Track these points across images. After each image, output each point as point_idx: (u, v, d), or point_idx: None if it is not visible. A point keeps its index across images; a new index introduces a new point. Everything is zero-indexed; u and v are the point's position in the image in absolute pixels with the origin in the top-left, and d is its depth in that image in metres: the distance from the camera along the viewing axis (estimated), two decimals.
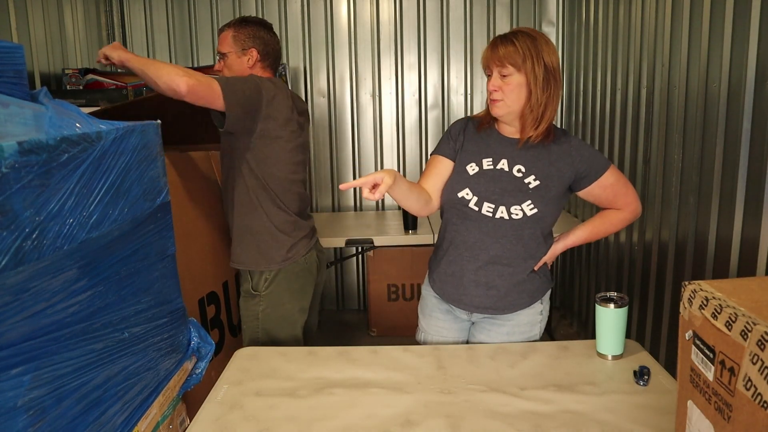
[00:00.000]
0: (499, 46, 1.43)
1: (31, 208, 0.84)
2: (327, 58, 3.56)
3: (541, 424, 1.14)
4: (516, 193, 1.47)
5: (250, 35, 1.88)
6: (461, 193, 1.50)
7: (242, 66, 1.88)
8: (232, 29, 1.88)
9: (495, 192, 1.48)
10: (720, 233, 1.90)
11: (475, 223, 1.50)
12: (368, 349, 1.50)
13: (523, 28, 1.46)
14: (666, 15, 2.23)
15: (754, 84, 1.72)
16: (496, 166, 1.50)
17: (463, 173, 1.52)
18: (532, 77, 1.41)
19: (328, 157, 3.65)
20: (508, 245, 1.49)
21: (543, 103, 1.43)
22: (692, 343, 0.82)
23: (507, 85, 1.43)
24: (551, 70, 1.43)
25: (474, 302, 1.54)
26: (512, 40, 1.42)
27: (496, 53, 1.43)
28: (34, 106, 0.97)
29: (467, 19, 3.50)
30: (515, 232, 1.48)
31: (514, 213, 1.46)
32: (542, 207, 1.46)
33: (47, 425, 0.89)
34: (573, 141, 1.51)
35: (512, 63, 1.41)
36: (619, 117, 2.69)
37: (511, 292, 1.52)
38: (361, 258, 3.75)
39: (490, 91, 1.45)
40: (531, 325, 1.56)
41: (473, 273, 1.52)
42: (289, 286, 1.91)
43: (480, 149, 1.53)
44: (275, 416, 1.20)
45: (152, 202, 1.21)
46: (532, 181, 1.47)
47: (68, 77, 2.89)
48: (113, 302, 1.07)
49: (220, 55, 1.90)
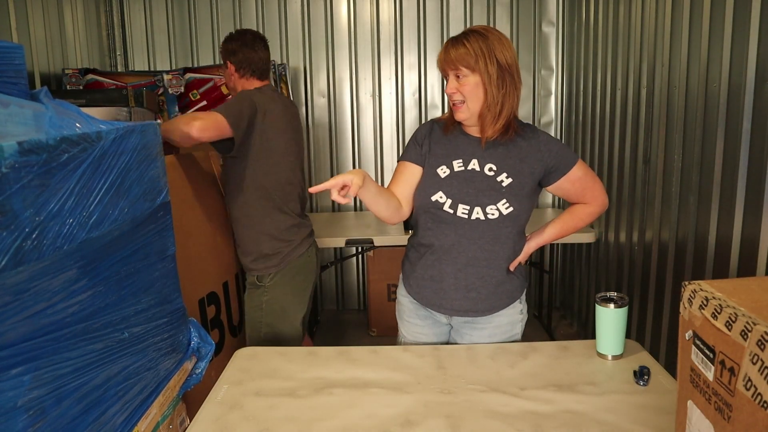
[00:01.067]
0: (451, 49, 1.43)
1: (31, 208, 0.84)
2: (327, 58, 3.55)
3: (541, 424, 1.14)
4: (490, 193, 1.46)
5: (227, 50, 2.05)
6: (434, 196, 1.47)
7: (227, 78, 2.10)
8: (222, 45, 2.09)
9: (469, 193, 1.46)
10: (720, 233, 1.90)
11: (451, 226, 1.48)
12: (368, 349, 1.50)
13: (476, 27, 1.45)
14: (666, 15, 2.23)
15: (754, 84, 1.72)
16: (467, 167, 1.49)
17: (434, 176, 1.50)
18: (486, 76, 1.41)
19: (328, 157, 3.65)
20: (486, 246, 1.48)
21: (500, 101, 1.43)
22: (692, 343, 0.82)
23: (464, 87, 1.43)
24: (505, 67, 1.42)
25: (454, 306, 1.52)
26: (463, 41, 1.42)
27: (448, 56, 1.43)
28: (34, 106, 0.97)
29: (467, 19, 3.50)
30: (492, 233, 1.47)
31: (490, 213, 1.45)
32: (517, 205, 1.46)
33: (47, 425, 0.89)
34: (541, 136, 1.51)
35: (465, 65, 1.41)
36: (619, 117, 2.69)
37: (491, 294, 1.51)
38: (361, 258, 3.75)
39: (449, 94, 1.46)
40: (512, 325, 1.56)
41: (452, 276, 1.50)
42: (291, 280, 2.04)
43: (449, 151, 1.52)
44: (275, 416, 1.20)
45: (152, 202, 1.21)
46: (505, 179, 1.46)
47: (68, 77, 2.89)
48: (113, 302, 1.07)
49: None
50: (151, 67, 3.61)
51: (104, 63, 3.48)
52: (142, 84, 2.98)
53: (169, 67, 3.58)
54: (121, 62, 3.59)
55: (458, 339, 1.59)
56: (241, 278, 2.33)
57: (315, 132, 3.63)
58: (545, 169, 1.48)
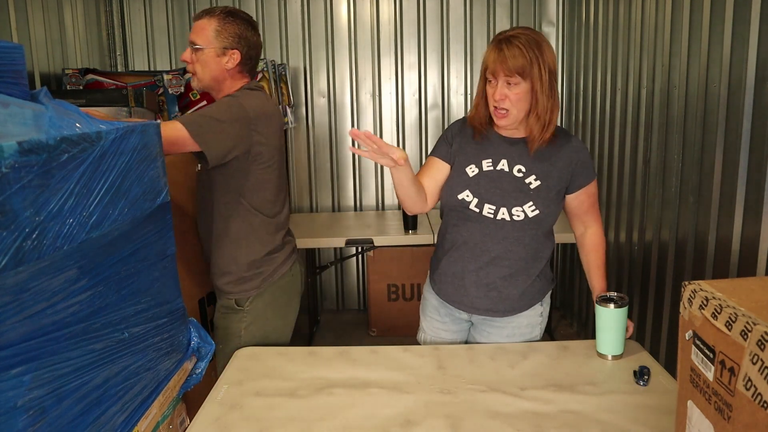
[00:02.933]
0: (506, 51, 1.35)
1: (31, 208, 0.84)
2: (327, 58, 3.55)
3: (541, 424, 1.14)
4: (517, 195, 1.45)
5: (236, 34, 1.63)
6: (461, 195, 1.48)
7: (219, 66, 1.63)
8: (216, 20, 1.61)
9: (496, 193, 1.46)
10: (720, 233, 1.90)
11: (477, 225, 1.49)
12: (368, 349, 1.50)
13: (524, 30, 1.39)
14: (666, 15, 2.23)
15: (754, 84, 1.72)
16: (496, 167, 1.48)
17: (462, 175, 1.50)
18: (539, 84, 1.36)
19: (328, 157, 3.65)
20: (510, 246, 1.48)
21: (549, 109, 1.40)
22: (692, 343, 0.82)
23: (514, 94, 1.37)
24: (553, 73, 1.39)
25: (474, 303, 1.53)
26: (517, 44, 1.35)
27: (502, 58, 1.36)
28: (34, 106, 0.97)
29: (467, 19, 3.50)
30: (517, 234, 1.47)
31: (515, 215, 1.45)
32: (543, 208, 1.45)
33: (47, 425, 0.89)
34: (573, 141, 1.50)
35: (520, 71, 1.35)
36: (619, 117, 2.69)
37: (511, 294, 1.51)
38: (361, 258, 3.75)
39: (497, 100, 1.39)
40: (531, 327, 1.56)
41: (474, 273, 1.51)
42: (274, 300, 1.74)
43: (479, 150, 1.51)
44: (275, 416, 1.20)
45: (152, 202, 1.21)
46: (533, 182, 1.45)
47: (68, 77, 2.89)
48: (113, 302, 1.07)
49: (193, 46, 1.63)
50: (151, 67, 3.61)
51: (104, 63, 3.48)
52: (142, 84, 2.98)
53: (169, 67, 3.58)
54: (121, 62, 3.59)
55: (477, 336, 1.60)
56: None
57: (315, 132, 3.63)
58: (571, 175, 1.48)
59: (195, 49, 1.63)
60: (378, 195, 3.70)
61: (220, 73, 1.64)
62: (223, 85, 1.66)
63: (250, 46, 1.66)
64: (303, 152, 3.65)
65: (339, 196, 3.70)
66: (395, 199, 3.69)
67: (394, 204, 3.69)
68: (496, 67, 1.37)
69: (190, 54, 1.64)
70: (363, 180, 3.69)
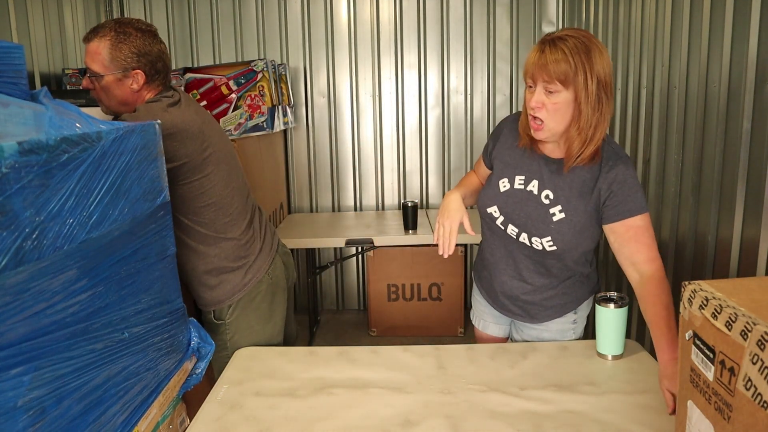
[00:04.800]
0: (548, 53, 1.22)
1: (31, 208, 0.84)
2: (327, 58, 3.55)
3: (541, 424, 1.14)
4: (539, 225, 1.37)
5: (133, 52, 1.47)
6: (490, 209, 1.46)
7: (125, 91, 1.51)
8: (108, 42, 1.46)
9: (521, 216, 1.40)
10: (720, 233, 1.90)
11: (501, 240, 1.49)
12: (368, 349, 1.50)
13: (574, 32, 1.24)
14: (666, 15, 2.23)
15: (754, 84, 1.72)
16: (526, 186, 1.40)
17: (494, 188, 1.44)
18: (583, 94, 1.22)
19: (328, 157, 3.65)
20: (531, 266, 1.47)
21: (593, 125, 1.25)
22: (692, 343, 0.82)
23: (553, 104, 1.24)
24: (603, 85, 1.24)
25: (504, 307, 1.58)
26: (562, 47, 1.21)
27: (543, 61, 1.22)
28: (34, 106, 0.97)
29: (467, 19, 3.50)
30: (537, 258, 1.45)
31: (534, 244, 1.40)
32: (562, 244, 1.36)
33: (47, 425, 0.89)
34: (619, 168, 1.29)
35: (562, 78, 1.21)
36: (619, 117, 2.69)
37: (538, 306, 1.52)
38: (361, 258, 3.75)
39: (533, 107, 1.27)
40: (562, 332, 1.56)
41: (500, 285, 1.54)
42: (256, 308, 1.68)
43: (516, 162, 1.43)
44: (275, 416, 1.20)
45: (152, 202, 1.21)
46: (557, 213, 1.35)
47: (68, 77, 2.89)
48: (113, 302, 1.07)
49: (92, 73, 1.50)
50: None
51: None
52: None
53: None
54: None
55: (514, 333, 1.63)
56: None
57: (315, 132, 3.63)
58: (598, 203, 1.32)
59: (93, 78, 1.50)
60: (378, 195, 3.70)
61: (128, 96, 1.52)
62: (136, 104, 1.54)
63: (154, 59, 1.51)
64: (303, 152, 3.65)
65: (339, 196, 3.70)
66: (395, 199, 3.70)
67: (394, 204, 3.69)
68: (535, 72, 1.25)
69: (90, 83, 1.52)
70: (363, 180, 3.69)
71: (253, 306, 1.67)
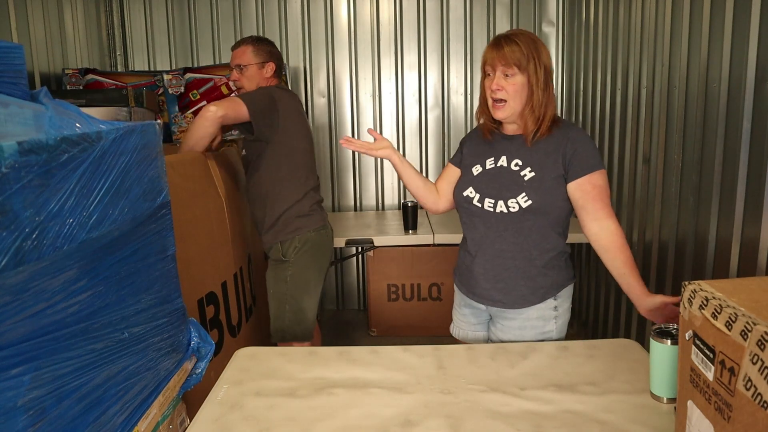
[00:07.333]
0: (505, 46, 1.46)
1: (31, 208, 0.83)
2: (327, 58, 3.56)
3: (541, 424, 1.14)
4: (512, 187, 1.52)
5: (267, 51, 2.23)
6: (466, 192, 1.59)
7: (262, 76, 2.23)
8: (251, 45, 2.22)
9: (494, 187, 1.54)
10: (720, 233, 1.90)
11: (480, 219, 1.57)
12: (368, 349, 1.50)
13: (523, 30, 1.51)
14: (666, 15, 2.23)
15: (754, 84, 1.72)
16: (497, 164, 1.57)
17: (468, 174, 1.62)
18: (534, 78, 1.46)
19: (328, 157, 3.65)
20: (511, 238, 1.54)
21: (544, 103, 1.49)
22: (692, 343, 0.82)
23: (511, 86, 1.47)
24: (549, 73, 1.50)
25: (485, 294, 1.61)
26: (515, 40, 1.46)
27: (501, 52, 1.46)
28: (34, 106, 0.97)
29: (467, 19, 3.50)
30: (515, 225, 1.53)
31: (511, 206, 1.51)
32: (536, 198, 1.49)
33: (47, 425, 0.89)
34: (572, 131, 1.53)
35: (517, 63, 1.45)
36: (619, 117, 2.70)
37: (518, 286, 1.56)
38: (361, 258, 3.75)
39: (494, 90, 1.49)
40: (543, 320, 1.57)
41: (482, 266, 1.59)
42: (313, 254, 2.21)
43: (485, 150, 1.61)
44: (275, 416, 1.20)
45: (152, 202, 1.21)
46: (528, 173, 1.51)
47: (68, 77, 2.89)
48: (113, 302, 1.07)
49: (239, 67, 2.22)
50: (151, 67, 3.61)
51: (104, 63, 3.48)
52: (142, 84, 2.98)
53: (169, 67, 3.58)
54: (121, 62, 3.59)
55: (493, 330, 1.65)
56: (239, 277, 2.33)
57: (315, 132, 3.63)
58: (568, 163, 1.50)
59: (240, 70, 2.23)
60: (378, 195, 3.71)
61: (262, 81, 2.24)
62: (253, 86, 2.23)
63: (278, 57, 2.29)
64: None
65: (339, 196, 3.70)
66: (395, 199, 3.70)
67: (394, 204, 3.69)
68: (494, 60, 1.48)
69: (237, 75, 2.25)
70: (363, 180, 3.69)
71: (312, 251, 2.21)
